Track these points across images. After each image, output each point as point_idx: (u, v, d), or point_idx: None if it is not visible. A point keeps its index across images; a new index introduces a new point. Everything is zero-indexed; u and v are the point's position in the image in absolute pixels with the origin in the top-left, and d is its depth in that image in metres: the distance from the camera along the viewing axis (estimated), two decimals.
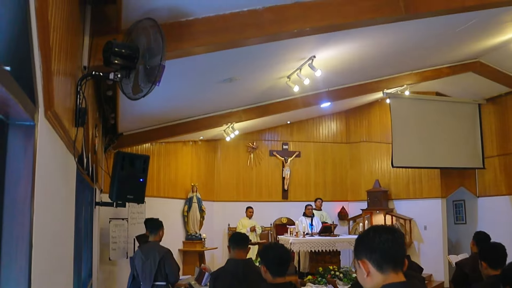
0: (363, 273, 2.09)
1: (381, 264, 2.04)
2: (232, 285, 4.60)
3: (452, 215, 14.25)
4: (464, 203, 14.05)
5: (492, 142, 12.97)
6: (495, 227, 12.13)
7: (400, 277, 2.05)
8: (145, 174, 7.56)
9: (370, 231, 2.14)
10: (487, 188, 13.17)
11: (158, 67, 3.60)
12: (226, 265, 4.98)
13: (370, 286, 2.08)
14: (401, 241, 2.10)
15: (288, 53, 7.55)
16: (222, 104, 10.01)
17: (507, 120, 12.57)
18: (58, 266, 3.05)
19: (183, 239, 13.01)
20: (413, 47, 9.02)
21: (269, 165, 15.41)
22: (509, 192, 12.39)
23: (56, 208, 2.92)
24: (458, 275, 6.24)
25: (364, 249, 2.11)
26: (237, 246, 4.97)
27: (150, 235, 6.90)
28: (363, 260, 2.10)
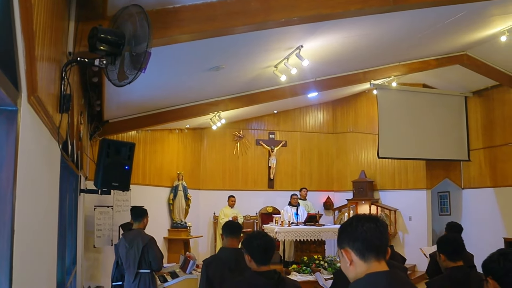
0: (346, 261, 2.10)
1: (363, 252, 2.05)
2: (224, 273, 4.61)
3: (436, 206, 14.38)
4: (449, 195, 14.18)
5: (478, 134, 13.08)
6: (479, 219, 12.31)
7: (383, 266, 2.06)
8: (130, 162, 7.52)
9: (353, 220, 2.15)
10: (471, 180, 13.30)
11: (144, 54, 3.57)
12: (218, 253, 4.99)
13: (353, 275, 2.08)
14: (383, 230, 2.11)
15: (275, 42, 7.52)
16: (209, 93, 9.97)
17: (493, 113, 12.67)
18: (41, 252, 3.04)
19: (168, 227, 13.00)
20: (401, 38, 9.03)
21: (255, 154, 15.43)
22: (493, 184, 12.52)
23: (39, 195, 2.90)
24: (432, 266, 6.29)
25: (346, 238, 2.12)
26: (230, 235, 4.98)
27: (134, 223, 6.88)
28: (346, 249, 2.11)
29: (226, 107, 10.71)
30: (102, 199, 9.49)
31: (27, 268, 2.49)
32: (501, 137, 12.38)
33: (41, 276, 3.06)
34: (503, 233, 11.62)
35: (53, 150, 3.47)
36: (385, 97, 12.37)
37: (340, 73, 10.73)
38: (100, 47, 3.59)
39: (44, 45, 2.76)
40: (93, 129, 9.13)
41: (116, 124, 9.72)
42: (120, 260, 6.93)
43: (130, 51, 3.68)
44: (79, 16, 4.19)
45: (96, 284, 9.11)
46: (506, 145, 12.21)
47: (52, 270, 3.71)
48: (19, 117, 2.11)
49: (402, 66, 10.99)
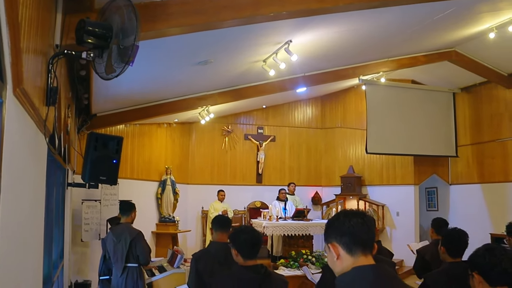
0: (333, 256, 2.11)
1: (350, 247, 2.07)
2: (214, 268, 4.62)
3: (424, 202, 14.46)
4: (436, 190, 14.25)
5: (466, 131, 13.16)
6: (466, 215, 12.39)
7: (369, 260, 2.08)
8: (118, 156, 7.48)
9: (340, 215, 2.16)
10: (459, 176, 13.38)
11: (131, 47, 3.54)
12: (208, 247, 5.00)
13: (340, 269, 2.09)
14: (370, 225, 2.13)
15: (264, 36, 7.51)
16: (198, 87, 9.94)
17: (481, 109, 12.75)
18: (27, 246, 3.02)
19: (156, 221, 12.98)
20: (390, 34, 9.05)
21: (244, 148, 15.43)
22: (480, 181, 12.60)
23: (25, 188, 2.88)
24: (419, 262, 6.32)
25: (334, 232, 2.13)
26: (219, 229, 4.99)
27: (122, 217, 6.88)
28: (333, 243, 2.12)
29: (215, 101, 10.69)
30: (90, 193, 9.45)
31: (12, 261, 2.47)
32: (489, 133, 12.46)
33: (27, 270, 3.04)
34: (490, 229, 11.69)
35: (39, 143, 3.44)
36: (374, 92, 12.39)
37: (329, 68, 10.73)
38: (87, 39, 3.56)
39: (30, 37, 2.73)
40: (81, 122, 9.09)
41: (104, 118, 9.69)
42: (107, 254, 6.92)
43: (117, 44, 3.66)
44: (66, 9, 4.16)
45: (84, 278, 9.08)
46: (494, 142, 12.29)
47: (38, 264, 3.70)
48: (4, 109, 2.09)
49: (391, 62, 11.01)
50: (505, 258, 2.76)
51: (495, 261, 2.75)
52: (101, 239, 8.71)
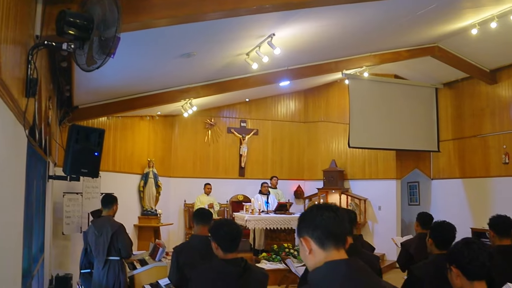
0: (305, 250, 2.09)
1: (322, 241, 2.05)
2: (195, 261, 4.61)
3: (406, 196, 14.57)
4: (418, 185, 14.37)
5: (448, 126, 13.26)
6: (447, 209, 12.50)
7: (341, 254, 2.06)
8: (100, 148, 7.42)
9: (313, 209, 2.14)
10: (441, 171, 13.49)
11: (113, 39, 3.51)
12: (189, 241, 4.99)
13: (312, 264, 2.07)
14: (343, 219, 2.10)
15: (247, 30, 7.50)
16: (181, 79, 9.90)
17: (463, 105, 12.85)
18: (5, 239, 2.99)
19: (138, 215, 12.95)
20: (372, 28, 9.07)
21: (227, 142, 15.42)
22: (462, 175, 12.72)
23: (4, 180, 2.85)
24: (403, 255, 6.37)
25: (306, 226, 2.11)
26: (200, 222, 4.98)
27: (103, 210, 6.85)
28: (305, 237, 2.10)
29: (198, 94, 10.66)
30: (71, 186, 9.38)
31: None
32: (470, 128, 12.57)
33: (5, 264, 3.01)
34: (470, 223, 11.80)
35: (18, 135, 3.40)
36: (357, 87, 12.44)
37: (312, 62, 10.74)
38: (68, 31, 3.52)
39: (8, 27, 2.69)
40: (63, 114, 9.01)
41: (86, 110, 9.61)
42: (89, 247, 6.89)
43: (99, 35, 3.62)
44: None
45: (65, 271, 9.00)
46: (475, 137, 12.39)
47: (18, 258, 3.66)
48: None
49: (374, 56, 11.06)
50: (483, 252, 2.79)
51: (473, 255, 2.78)
52: (82, 232, 8.66)
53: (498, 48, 10.58)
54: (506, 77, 11.67)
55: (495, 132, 11.82)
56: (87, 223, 9.38)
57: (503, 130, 11.59)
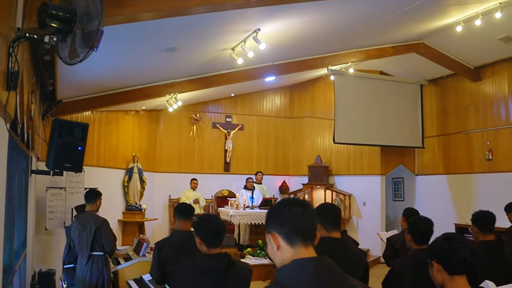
0: (273, 247, 2.04)
1: (290, 237, 1.99)
2: (177, 256, 4.59)
3: (390, 192, 14.65)
4: (402, 181, 14.45)
5: (432, 122, 13.34)
6: (431, 205, 12.60)
7: (310, 252, 2.01)
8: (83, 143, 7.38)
9: (281, 204, 2.08)
10: (425, 167, 13.58)
11: (96, 32, 3.47)
12: (171, 236, 4.97)
13: (280, 261, 2.02)
14: (311, 215, 2.06)
15: (232, 24, 7.47)
16: (165, 74, 9.84)
17: (447, 101, 12.94)
18: None
19: (123, 210, 12.87)
20: (358, 24, 9.08)
21: (212, 137, 15.38)
22: (446, 172, 12.81)
23: None
24: (389, 250, 6.42)
25: (273, 222, 2.05)
26: (182, 217, 4.96)
27: (87, 205, 6.80)
28: (273, 233, 2.04)
29: (183, 89, 10.60)
30: (55, 181, 9.31)
31: None
32: (454, 125, 12.66)
33: None
34: (454, 219, 11.91)
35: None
36: (342, 83, 12.46)
37: (298, 58, 10.73)
38: (50, 23, 3.47)
39: None
40: (46, 108, 8.93)
41: (69, 104, 9.52)
42: (72, 242, 6.83)
43: (82, 28, 3.57)
44: None
45: (48, 267, 8.93)
46: (459, 134, 12.48)
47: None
48: None
49: (359, 52, 11.07)
50: (464, 247, 2.82)
51: (454, 250, 2.80)
52: (65, 227, 8.61)
53: (482, 45, 10.66)
54: (490, 74, 11.77)
55: (479, 128, 11.92)
56: (71, 218, 9.30)
57: (487, 127, 11.69)
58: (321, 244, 3.68)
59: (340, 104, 12.30)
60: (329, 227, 3.74)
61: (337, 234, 3.78)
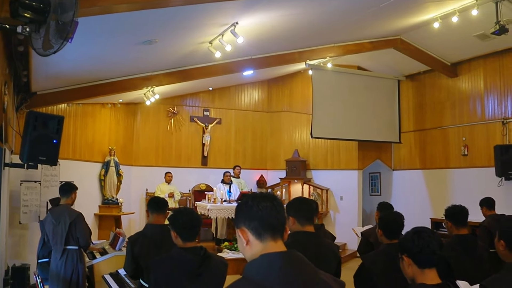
0: (243, 242, 2.04)
1: (259, 232, 2.00)
2: (150, 250, 4.56)
3: (367, 186, 14.74)
4: (379, 176, 14.55)
5: (409, 118, 13.46)
6: (408, 200, 12.72)
7: (279, 246, 2.02)
8: (59, 135, 7.31)
9: (249, 199, 2.09)
10: (402, 162, 13.69)
11: (70, 23, 3.41)
12: (144, 230, 4.92)
13: (250, 255, 2.02)
14: (280, 209, 2.07)
15: (210, 17, 7.43)
16: (142, 67, 9.76)
17: (424, 97, 13.07)
18: None
19: (99, 203, 12.77)
20: (336, 19, 9.09)
21: (189, 131, 15.32)
22: (422, 166, 12.94)
23: None
24: (363, 244, 6.46)
25: (242, 217, 2.06)
26: (155, 211, 4.93)
27: (62, 198, 6.71)
28: (242, 228, 2.05)
29: (160, 82, 10.53)
30: (29, 174, 9.19)
31: None
32: (431, 120, 12.79)
33: None
34: (430, 214, 12.02)
35: None
36: (320, 77, 12.49)
37: (276, 52, 10.72)
38: (23, 13, 3.41)
39: None
40: (20, 100, 8.80)
41: (45, 96, 9.40)
42: (46, 237, 6.75)
43: (56, 19, 3.51)
44: None
45: (22, 262, 8.84)
46: (435, 129, 12.61)
47: None
48: None
49: (337, 47, 11.10)
50: (433, 240, 2.84)
51: (423, 243, 2.83)
52: (40, 221, 8.51)
53: (459, 42, 10.76)
54: (467, 71, 11.90)
55: (455, 124, 12.05)
56: (46, 212, 9.20)
57: (463, 122, 11.83)
58: (295, 237, 3.70)
59: (318, 98, 12.32)
60: (303, 221, 3.75)
61: (310, 228, 3.79)
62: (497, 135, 10.94)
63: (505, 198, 9.08)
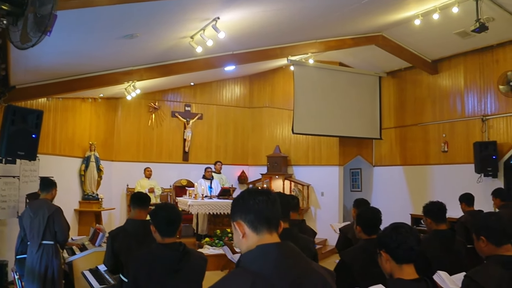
0: (239, 234, 2.12)
1: (255, 225, 2.08)
2: (131, 246, 4.54)
3: (348, 182, 14.82)
4: (360, 172, 14.63)
5: (390, 114, 13.54)
6: (388, 196, 12.82)
7: (274, 238, 2.10)
8: (38, 130, 7.25)
9: (245, 193, 2.18)
10: (382, 158, 13.77)
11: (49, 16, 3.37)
12: (125, 225, 4.90)
13: (246, 247, 2.10)
14: (275, 203, 2.14)
15: (192, 12, 7.39)
16: (123, 61, 9.69)
17: (405, 94, 13.16)
18: None
19: (79, 199, 12.67)
20: (318, 15, 9.10)
21: (171, 126, 15.27)
22: (402, 163, 13.04)
23: None
24: (342, 241, 6.50)
25: (239, 210, 2.14)
26: (138, 206, 4.91)
27: (41, 193, 6.66)
28: (238, 221, 2.13)
29: (141, 77, 10.46)
30: (8, 169, 9.07)
31: None
32: (412, 117, 12.89)
33: None
34: (410, 210, 12.12)
35: None
36: (302, 73, 12.50)
37: (257, 48, 10.71)
38: (0, 5, 3.36)
39: None
40: None
41: (24, 90, 9.27)
42: (24, 232, 6.68)
43: (34, 12, 3.47)
44: None
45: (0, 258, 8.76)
46: (416, 126, 12.70)
47: None
48: None
49: (319, 43, 11.11)
50: (411, 236, 2.88)
51: (401, 239, 2.86)
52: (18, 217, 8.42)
53: (440, 39, 10.85)
54: (447, 68, 12.00)
55: (435, 121, 12.16)
56: (25, 207, 9.11)
57: (443, 119, 11.94)
58: None
59: (300, 94, 12.34)
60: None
61: (285, 224, 3.81)
62: (476, 132, 11.06)
63: (484, 195, 9.16)
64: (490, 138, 10.70)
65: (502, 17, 9.38)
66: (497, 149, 10.36)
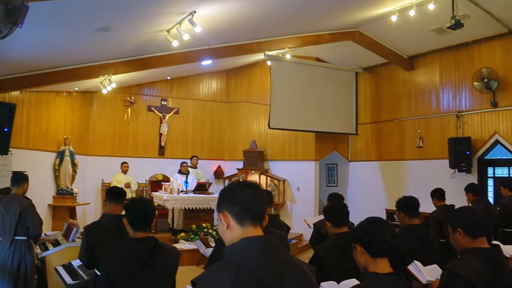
0: (223, 225, 2.15)
1: (240, 217, 2.11)
2: (105, 240, 4.51)
3: (324, 177, 14.88)
4: (336, 167, 14.70)
5: (366, 110, 13.63)
6: (364, 191, 12.92)
7: (258, 231, 2.13)
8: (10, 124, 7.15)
9: (233, 185, 2.20)
10: (358, 153, 13.86)
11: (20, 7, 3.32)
12: (100, 220, 4.87)
13: (230, 239, 2.13)
14: (261, 197, 2.17)
15: (168, 5, 7.33)
16: (98, 55, 9.58)
17: (381, 89, 13.25)
18: None
19: (53, 194, 12.54)
20: (294, 10, 9.09)
21: (147, 120, 15.16)
22: (378, 158, 13.15)
23: None
24: (315, 236, 6.54)
25: (225, 201, 2.17)
26: (113, 201, 4.89)
27: (13, 188, 6.54)
28: (223, 212, 2.16)
29: (117, 70, 10.36)
30: None
31: None
32: (387, 113, 12.98)
33: None
34: (385, 205, 12.21)
35: None
36: (279, 68, 12.51)
37: (234, 42, 10.67)
38: None
39: None
40: None
41: None
42: None
43: (5, 3, 3.41)
44: None
45: None
46: (392, 121, 12.80)
47: None
48: None
49: (296, 38, 11.11)
50: (386, 230, 2.89)
51: (376, 233, 2.87)
52: None
53: (416, 35, 10.94)
54: (423, 64, 12.11)
55: (411, 117, 12.28)
56: None
57: (418, 115, 12.05)
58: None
59: (276, 89, 12.35)
60: None
61: None
62: (451, 128, 11.17)
63: (458, 190, 9.23)
64: (464, 134, 10.82)
65: (477, 15, 9.47)
66: (471, 144, 10.49)
